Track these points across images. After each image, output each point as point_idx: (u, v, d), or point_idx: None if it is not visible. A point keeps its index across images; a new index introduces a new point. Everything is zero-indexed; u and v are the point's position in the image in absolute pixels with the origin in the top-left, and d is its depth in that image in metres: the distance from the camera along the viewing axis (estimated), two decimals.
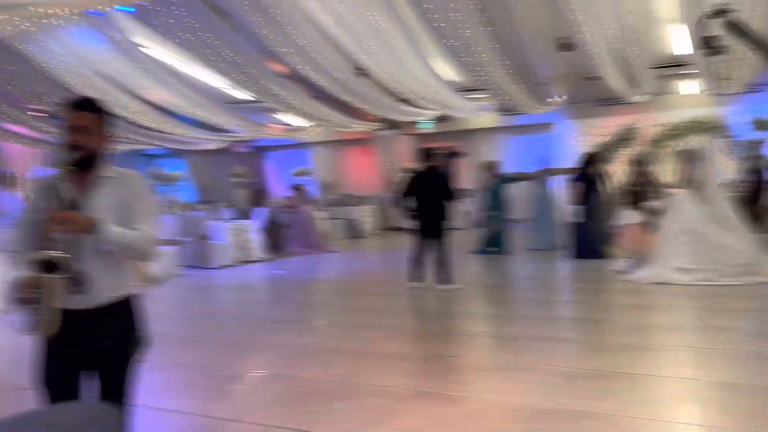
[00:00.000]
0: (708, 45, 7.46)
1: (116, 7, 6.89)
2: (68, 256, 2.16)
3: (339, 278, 9.25)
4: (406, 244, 12.84)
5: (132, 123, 14.39)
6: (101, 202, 2.31)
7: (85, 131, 2.30)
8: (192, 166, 22.04)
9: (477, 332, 5.42)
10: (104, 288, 2.29)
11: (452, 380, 4.16)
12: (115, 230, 2.25)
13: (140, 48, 10.49)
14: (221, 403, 3.96)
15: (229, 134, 16.62)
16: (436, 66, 10.74)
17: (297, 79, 12.08)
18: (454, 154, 9.77)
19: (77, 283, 2.22)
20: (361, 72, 11.73)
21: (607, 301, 6.46)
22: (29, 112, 14.27)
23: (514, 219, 11.56)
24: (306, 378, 4.32)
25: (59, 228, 2.17)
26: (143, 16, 8.80)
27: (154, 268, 9.10)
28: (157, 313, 7.38)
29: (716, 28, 7.53)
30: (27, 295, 2.14)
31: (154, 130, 14.94)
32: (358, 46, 9.59)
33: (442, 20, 7.77)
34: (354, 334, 5.55)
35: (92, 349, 2.30)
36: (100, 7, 6.00)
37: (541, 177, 11.00)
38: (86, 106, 2.35)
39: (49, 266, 2.13)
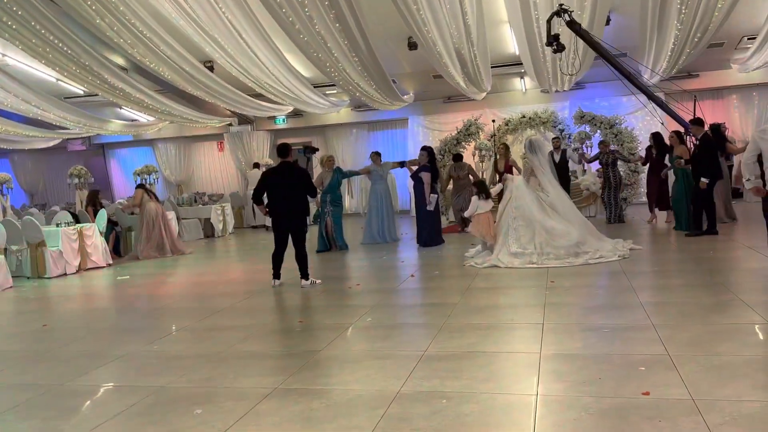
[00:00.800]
0: (552, 42, 8.24)
1: None
2: None
3: (193, 281, 8.89)
4: (262, 241, 12.67)
5: None
6: None
7: None
8: (19, 167, 19.97)
9: (335, 325, 5.51)
10: None
11: (314, 374, 4.19)
12: None
13: None
14: (66, 421, 3.66)
15: (64, 131, 15.28)
16: (288, 61, 10.67)
17: (139, 71, 11.40)
18: (309, 149, 9.79)
19: None
20: (209, 65, 11.34)
21: (453, 286, 6.86)
22: None
23: (352, 213, 11.89)
24: (161, 387, 4.13)
25: None
26: None
27: None
28: None
29: (559, 27, 8.33)
30: None
31: None
32: (205, 39, 9.26)
33: (292, 15, 7.74)
34: (212, 338, 5.38)
35: None
36: None
37: (378, 170, 11.09)
38: None
39: None
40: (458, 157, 11.92)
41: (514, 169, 11.60)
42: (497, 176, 11.38)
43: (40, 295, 8.46)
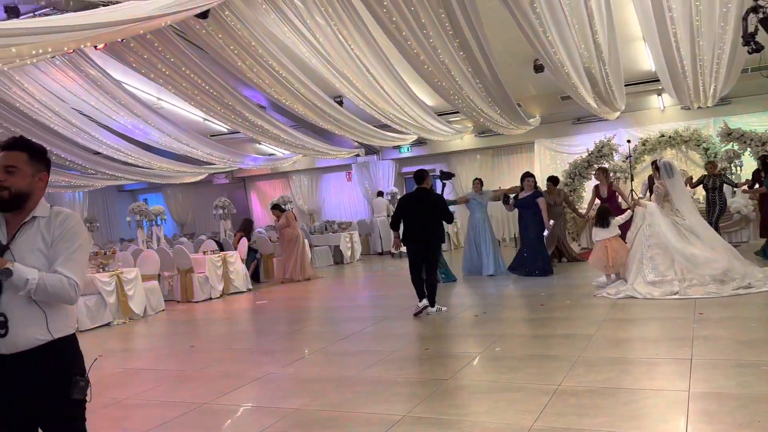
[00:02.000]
0: (749, 41, 7.55)
1: (93, 45, 6.90)
2: None
3: (325, 305, 9.21)
4: (389, 268, 12.88)
5: (109, 158, 14.33)
6: (26, 243, 2.23)
7: (12, 171, 2.23)
8: (171, 199, 21.91)
9: (462, 354, 5.42)
10: (29, 331, 2.17)
11: (443, 404, 4.15)
12: (24, 274, 2.13)
13: (116, 83, 10.50)
14: None
15: (210, 166, 16.62)
16: (413, 91, 10.88)
17: (275, 108, 12.16)
18: (445, 175, 9.40)
19: None
20: (339, 100, 11.85)
21: (587, 317, 6.51)
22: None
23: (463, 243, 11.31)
24: (296, 409, 4.28)
25: None
26: (118, 53, 8.81)
27: (138, 303, 9.01)
28: (142, 350, 7.30)
29: (755, 26, 7.66)
30: None
31: (132, 165, 14.87)
32: (335, 75, 9.69)
33: (417, 47, 7.90)
34: (343, 362, 5.52)
35: (14, 395, 2.18)
36: (80, 45, 6.01)
37: (477, 199, 10.47)
38: (14, 146, 2.27)
39: None
40: (554, 180, 11.23)
41: (618, 194, 10.80)
42: (596, 201, 10.69)
43: (189, 317, 9.16)
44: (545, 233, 9.83)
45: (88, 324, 8.38)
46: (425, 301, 7.29)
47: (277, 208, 12.60)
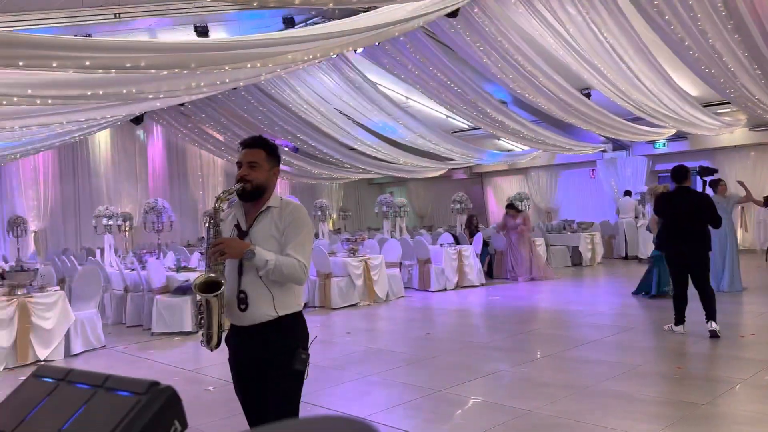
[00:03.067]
0: None
1: (354, 49, 7.54)
2: (222, 279, 2.42)
3: (559, 308, 8.86)
4: (635, 274, 11.89)
5: (362, 154, 15.59)
6: (262, 230, 2.52)
7: (253, 166, 2.53)
8: (413, 193, 23.07)
9: (722, 377, 4.76)
10: (262, 308, 2.47)
11: (701, 431, 3.68)
12: (264, 256, 2.42)
13: (371, 84, 11.35)
14: (443, 426, 4.00)
15: (449, 161, 17.13)
16: (674, 81, 9.89)
17: (517, 103, 12.03)
18: (706, 171, 8.22)
19: (239, 302, 2.47)
20: (586, 93, 11.27)
21: None
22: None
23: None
24: (528, 411, 4.18)
25: (217, 254, 2.42)
26: (374, 56, 9.50)
27: (381, 288, 9.67)
28: (383, 332, 7.80)
29: None
30: (198, 315, 2.49)
31: (381, 160, 15.99)
32: (584, 66, 9.23)
33: (682, 32, 7.14)
34: (579, 370, 5.24)
35: (252, 362, 2.52)
36: (343, 50, 6.62)
37: (722, 203, 8.61)
38: (255, 144, 2.58)
39: (210, 288, 2.41)
40: None
41: None
42: None
43: (425, 306, 9.55)
44: None
45: (339, 303, 9.24)
46: (681, 327, 6.43)
47: (512, 207, 12.49)
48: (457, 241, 12.24)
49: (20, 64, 4.73)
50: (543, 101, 10.54)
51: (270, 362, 2.50)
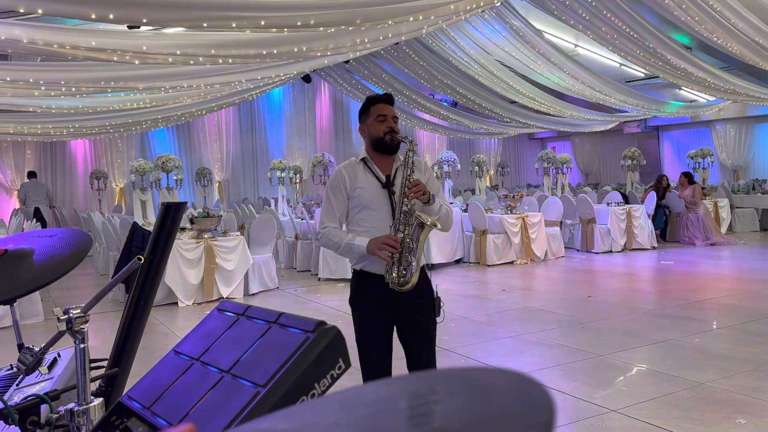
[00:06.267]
0: None
1: None
2: (430, 219, 2.46)
3: (741, 276, 8.01)
4: None
5: (524, 107, 15.06)
6: (399, 181, 2.59)
7: (396, 121, 2.67)
8: (578, 148, 21.92)
9: None
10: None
11: None
12: (438, 201, 2.58)
13: (536, 32, 10.83)
14: (603, 391, 3.85)
15: (621, 114, 15.97)
16: None
17: (703, 48, 10.81)
18: None
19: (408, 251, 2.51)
20: None
21: None
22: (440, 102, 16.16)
23: None
24: (699, 383, 3.87)
25: (419, 195, 2.47)
26: (539, 1, 9.01)
27: (539, 246, 9.42)
28: (542, 291, 7.64)
29: None
30: (393, 253, 2.46)
31: (544, 114, 15.36)
32: None
33: None
34: (762, 344, 4.73)
35: (401, 313, 2.58)
36: None
37: None
38: (390, 100, 2.71)
39: (423, 225, 2.46)
40: None
41: None
42: None
43: (587, 267, 9.14)
44: None
45: (495, 260, 9.16)
46: None
47: (685, 176, 11.44)
48: (626, 200, 11.48)
49: (204, 25, 5.16)
50: (735, 45, 9.34)
51: (419, 310, 2.60)
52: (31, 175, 13.42)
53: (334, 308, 6.41)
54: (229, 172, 16.92)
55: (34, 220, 11.82)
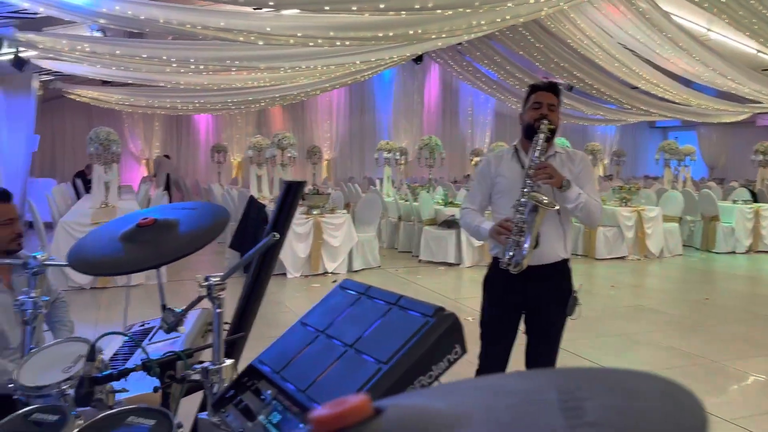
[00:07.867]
0: None
1: None
2: (546, 200, 2.38)
3: None
4: None
5: (646, 93, 14.25)
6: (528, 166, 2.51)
7: (552, 109, 2.56)
8: (704, 140, 20.46)
9: None
10: (555, 247, 2.53)
11: None
12: (577, 189, 2.47)
13: (664, 14, 10.17)
14: (716, 399, 3.64)
15: (755, 105, 14.70)
16: None
17: None
18: None
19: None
20: None
21: None
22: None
23: None
24: None
25: (544, 177, 2.41)
26: None
27: (655, 243, 8.95)
28: (652, 290, 7.28)
29: None
30: (511, 235, 2.41)
31: (668, 101, 14.46)
32: None
33: None
34: None
35: (528, 301, 2.53)
36: None
37: None
38: (551, 88, 2.61)
39: (537, 208, 2.40)
40: None
41: None
42: None
43: (706, 268, 8.58)
44: None
45: (604, 254, 8.81)
46: None
47: None
48: (755, 199, 10.62)
49: (326, 8, 5.31)
50: None
51: (548, 304, 2.54)
52: (166, 157, 15.16)
53: (434, 291, 6.45)
54: (337, 151, 17.35)
55: (162, 188, 12.86)
